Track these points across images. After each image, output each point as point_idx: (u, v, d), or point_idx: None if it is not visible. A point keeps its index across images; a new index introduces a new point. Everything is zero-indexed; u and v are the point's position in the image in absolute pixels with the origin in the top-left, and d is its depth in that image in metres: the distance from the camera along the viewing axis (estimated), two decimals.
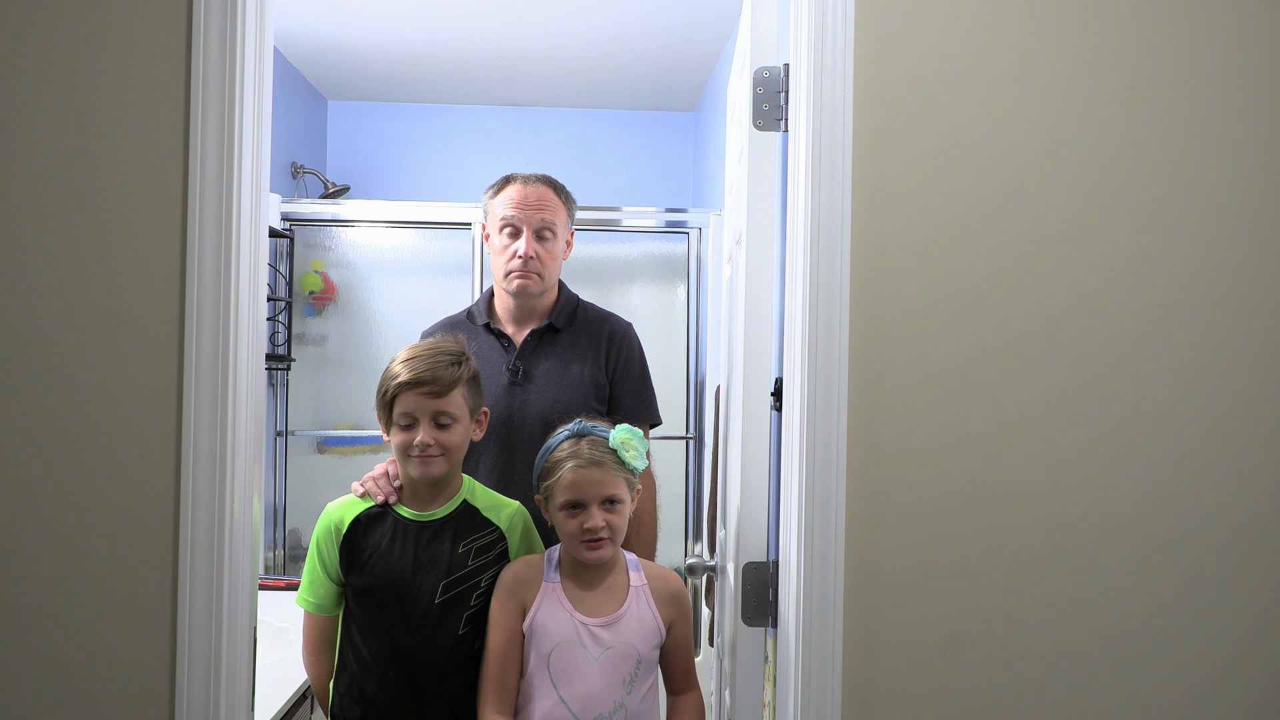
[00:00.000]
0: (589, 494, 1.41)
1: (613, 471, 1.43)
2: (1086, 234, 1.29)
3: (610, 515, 1.42)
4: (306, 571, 1.51)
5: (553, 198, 1.83)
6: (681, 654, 1.50)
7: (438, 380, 1.44)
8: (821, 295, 1.26)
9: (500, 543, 1.51)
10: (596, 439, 1.46)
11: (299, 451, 3.09)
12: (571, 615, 1.42)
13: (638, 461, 1.45)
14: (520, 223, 1.80)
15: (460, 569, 1.46)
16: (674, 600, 1.48)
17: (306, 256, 3.10)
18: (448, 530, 1.48)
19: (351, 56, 3.32)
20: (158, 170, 1.22)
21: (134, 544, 1.21)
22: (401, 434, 1.45)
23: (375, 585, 1.45)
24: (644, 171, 3.96)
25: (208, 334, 1.22)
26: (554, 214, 1.82)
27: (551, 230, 1.81)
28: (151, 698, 1.20)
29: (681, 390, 3.08)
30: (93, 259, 1.22)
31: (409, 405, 1.44)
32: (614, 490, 1.43)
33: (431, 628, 1.44)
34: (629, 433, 1.46)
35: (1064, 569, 1.28)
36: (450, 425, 1.45)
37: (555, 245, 1.83)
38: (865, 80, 1.27)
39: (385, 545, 1.47)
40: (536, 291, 1.82)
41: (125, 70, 1.22)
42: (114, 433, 1.21)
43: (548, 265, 1.81)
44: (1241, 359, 1.30)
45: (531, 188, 1.82)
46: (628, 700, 1.40)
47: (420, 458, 1.44)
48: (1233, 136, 1.30)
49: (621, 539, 1.46)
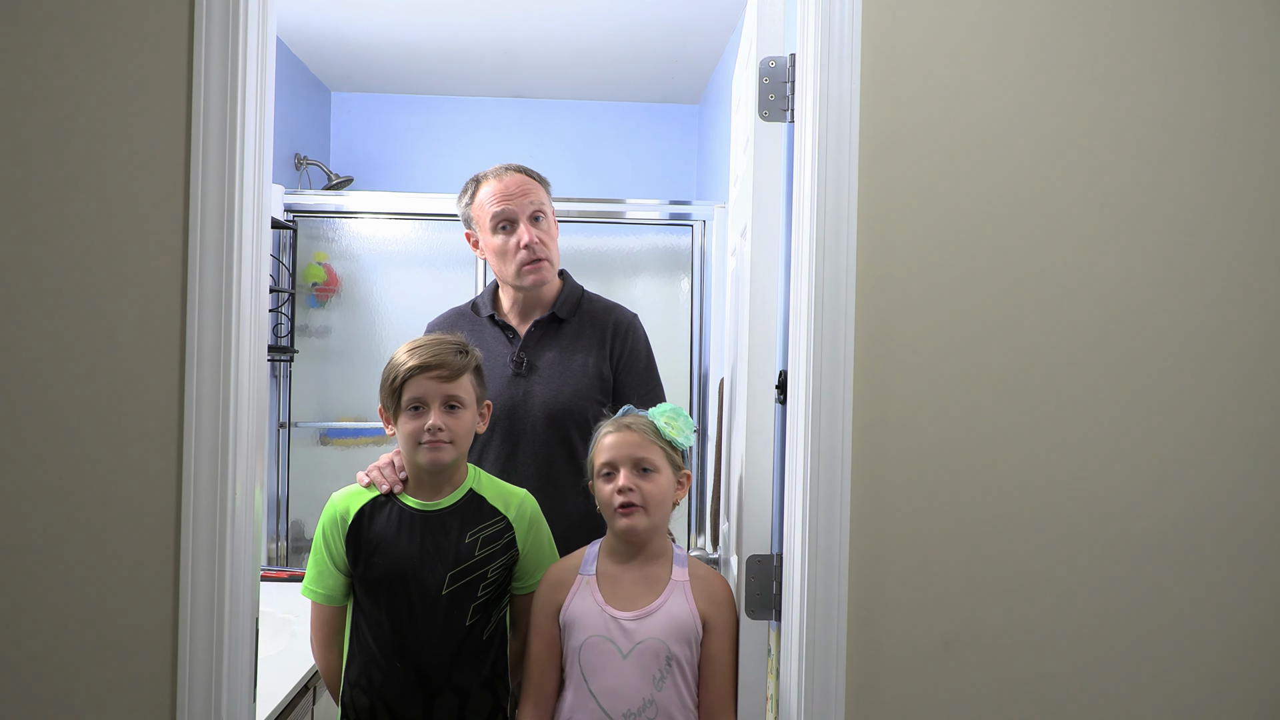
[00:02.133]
0: (620, 455, 1.41)
1: (647, 436, 1.42)
2: (1097, 225, 1.28)
3: (642, 481, 1.40)
4: (313, 563, 1.51)
5: (530, 182, 1.83)
6: (713, 670, 1.38)
7: (448, 365, 1.45)
8: (827, 287, 1.25)
9: (508, 532, 1.50)
10: (638, 414, 1.48)
11: (302, 443, 3.09)
12: (602, 609, 1.41)
13: (678, 436, 1.44)
14: (513, 214, 1.79)
15: (467, 559, 1.46)
16: (712, 599, 1.42)
17: (310, 248, 3.09)
18: (454, 519, 1.48)
19: (355, 47, 3.31)
20: (160, 161, 1.21)
21: (135, 536, 1.21)
22: (411, 420, 1.45)
23: (382, 576, 1.45)
24: (648, 164, 3.95)
25: (209, 326, 1.22)
26: (539, 195, 1.82)
27: (542, 211, 1.82)
28: (153, 689, 1.20)
29: (685, 383, 3.07)
30: (94, 250, 1.21)
31: (420, 390, 1.44)
32: (646, 454, 1.41)
33: (439, 619, 1.44)
34: (672, 410, 1.46)
35: (1071, 564, 1.27)
36: (459, 410, 1.46)
37: (550, 226, 1.83)
38: (873, 70, 1.26)
39: (392, 536, 1.46)
40: (550, 279, 1.82)
41: (127, 60, 1.21)
42: (115, 424, 1.21)
43: (550, 247, 1.82)
44: (1248, 359, 1.28)
45: (508, 178, 1.82)
46: (659, 697, 1.37)
47: (430, 444, 1.43)
48: (1247, 129, 1.28)
49: (658, 514, 1.42)
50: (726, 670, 1.41)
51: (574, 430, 1.77)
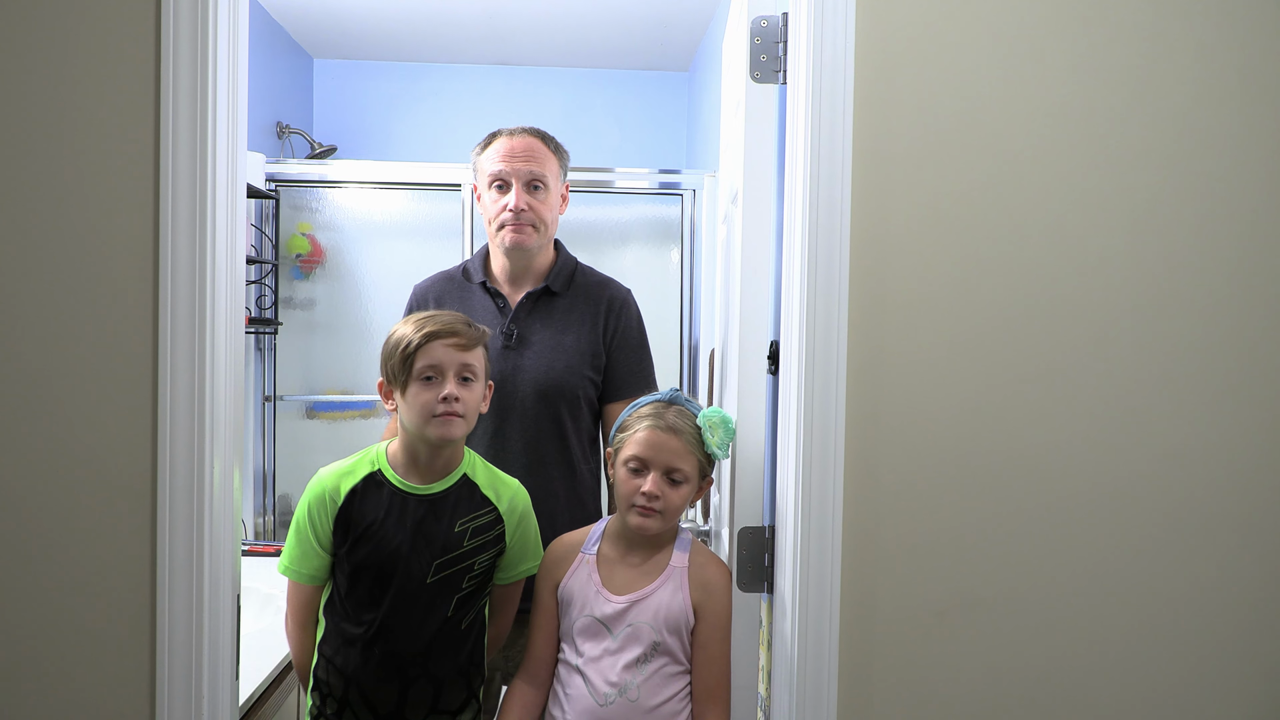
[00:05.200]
0: (655, 457, 1.37)
1: (687, 445, 1.38)
2: (1102, 194, 1.25)
3: (669, 489, 1.37)
4: (294, 541, 1.46)
5: (541, 148, 1.77)
6: (704, 658, 1.36)
7: (464, 334, 1.41)
8: (820, 255, 1.22)
9: (498, 524, 1.46)
10: (685, 410, 1.42)
11: (288, 417, 3.06)
12: (598, 590, 1.39)
13: (718, 448, 1.39)
14: (509, 175, 1.74)
15: (455, 549, 1.42)
16: (706, 588, 1.39)
17: (293, 219, 3.03)
18: (446, 506, 1.44)
19: (339, 13, 3.23)
20: (127, 125, 1.17)
21: (110, 515, 1.18)
22: (425, 390, 1.38)
23: (370, 562, 1.41)
24: (637, 132, 3.89)
25: (183, 297, 1.18)
26: (543, 165, 1.76)
27: (541, 181, 1.75)
28: (132, 667, 1.18)
29: (676, 355, 3.05)
30: (61, 221, 1.17)
31: (436, 356, 1.39)
32: (681, 464, 1.37)
33: (421, 608, 1.41)
34: (720, 418, 1.40)
35: (1066, 534, 1.26)
36: (472, 383, 1.42)
37: (548, 197, 1.77)
38: (867, 29, 1.22)
39: (381, 518, 1.42)
40: (531, 246, 1.75)
41: (90, 19, 1.16)
42: (86, 400, 1.18)
43: (542, 217, 1.75)
44: (1244, 346, 1.26)
45: (518, 139, 1.76)
46: (643, 686, 1.35)
47: (444, 415, 1.38)
48: (1245, 114, 1.25)
49: (673, 520, 1.41)
50: (715, 659, 1.38)
51: (564, 407, 1.74)
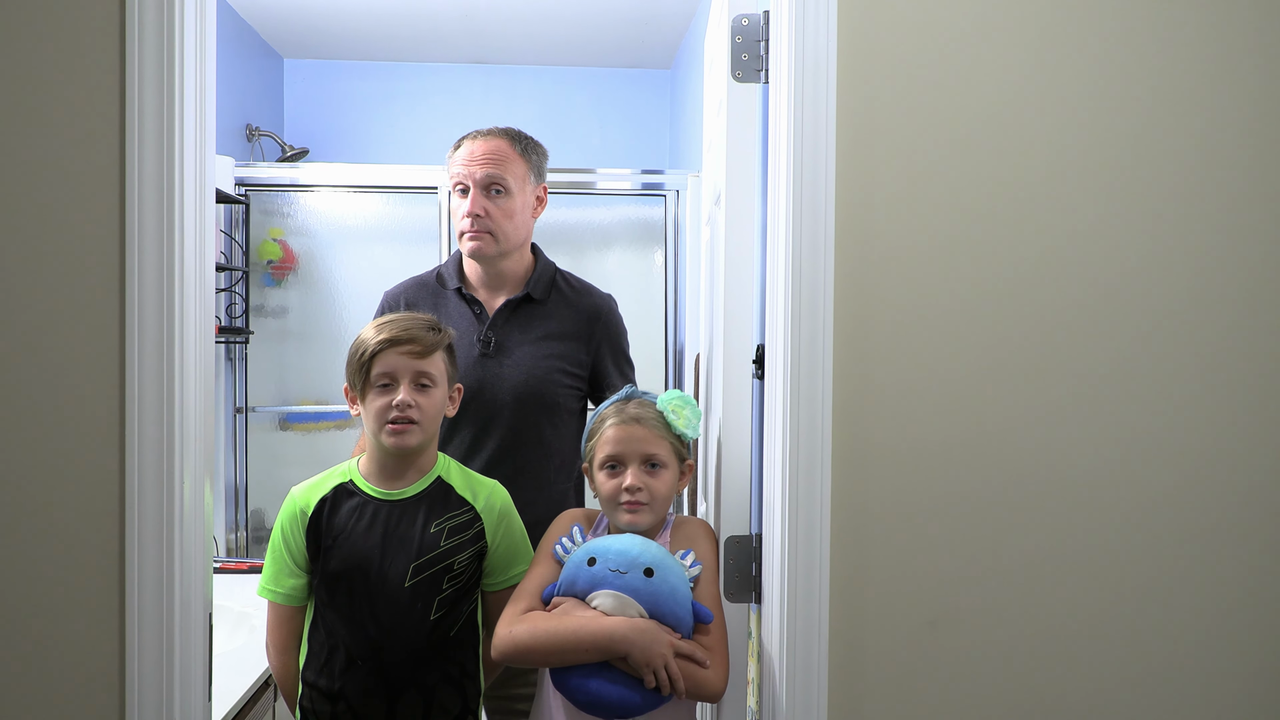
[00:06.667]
0: (628, 450, 1.35)
1: (655, 431, 1.37)
2: (1085, 187, 1.23)
3: (650, 478, 1.36)
4: (270, 561, 1.43)
5: (506, 149, 1.72)
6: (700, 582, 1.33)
7: (420, 340, 1.40)
8: (805, 256, 1.20)
9: (476, 522, 1.44)
10: (644, 401, 1.42)
11: (260, 429, 2.99)
12: None
13: (686, 428, 1.38)
14: (467, 180, 1.71)
15: (431, 549, 1.39)
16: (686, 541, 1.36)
17: (264, 224, 2.97)
18: (419, 508, 1.42)
19: (309, 11, 3.17)
20: (91, 128, 1.14)
21: (77, 532, 1.14)
22: (379, 397, 1.39)
23: (342, 570, 1.38)
24: (619, 132, 3.86)
25: (151, 306, 1.15)
26: (504, 168, 1.71)
27: (501, 185, 1.70)
28: (100, 691, 1.15)
29: (660, 359, 3.02)
30: (21, 228, 1.13)
31: (390, 364, 1.39)
32: (654, 450, 1.36)
33: (401, 613, 1.38)
34: (680, 398, 1.40)
35: (1057, 542, 1.24)
36: (430, 390, 1.41)
37: (509, 202, 1.71)
38: (851, 26, 1.20)
39: (352, 526, 1.40)
40: (490, 253, 1.71)
41: (53, 18, 1.12)
42: (51, 414, 1.14)
43: (501, 224, 1.70)
44: (1231, 334, 1.25)
45: (482, 142, 1.72)
46: None
47: (396, 424, 1.37)
48: (1234, 115, 1.24)
49: (663, 509, 1.38)
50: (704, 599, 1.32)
51: (543, 415, 1.71)
